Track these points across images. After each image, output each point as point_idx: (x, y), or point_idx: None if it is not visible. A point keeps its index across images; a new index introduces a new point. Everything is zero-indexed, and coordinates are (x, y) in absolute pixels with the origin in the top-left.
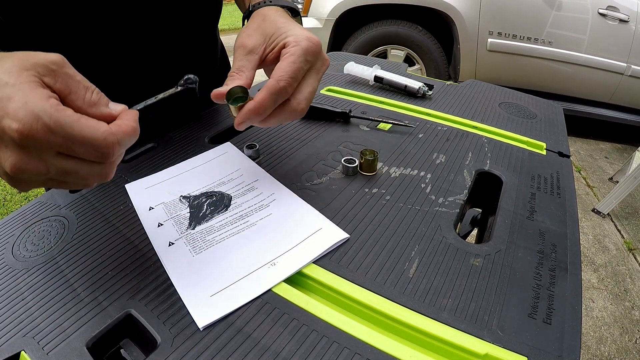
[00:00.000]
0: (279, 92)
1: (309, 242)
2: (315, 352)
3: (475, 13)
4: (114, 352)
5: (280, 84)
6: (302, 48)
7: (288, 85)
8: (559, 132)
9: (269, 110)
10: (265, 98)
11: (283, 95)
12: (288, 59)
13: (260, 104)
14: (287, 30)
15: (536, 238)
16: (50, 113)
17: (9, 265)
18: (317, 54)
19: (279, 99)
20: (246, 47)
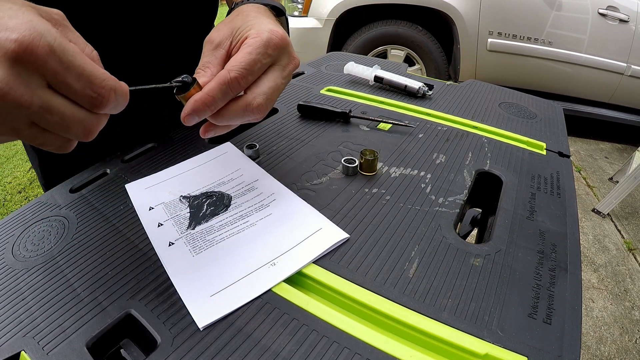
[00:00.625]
0: (229, 83)
1: (309, 242)
2: (315, 352)
3: (475, 13)
4: (114, 352)
5: (231, 74)
6: (263, 40)
7: (240, 76)
8: (559, 132)
9: (218, 102)
10: (214, 88)
11: (234, 87)
12: (244, 50)
13: (208, 94)
14: (254, 24)
15: (536, 238)
16: (56, 36)
17: (9, 265)
18: (282, 49)
19: (229, 91)
20: (213, 42)
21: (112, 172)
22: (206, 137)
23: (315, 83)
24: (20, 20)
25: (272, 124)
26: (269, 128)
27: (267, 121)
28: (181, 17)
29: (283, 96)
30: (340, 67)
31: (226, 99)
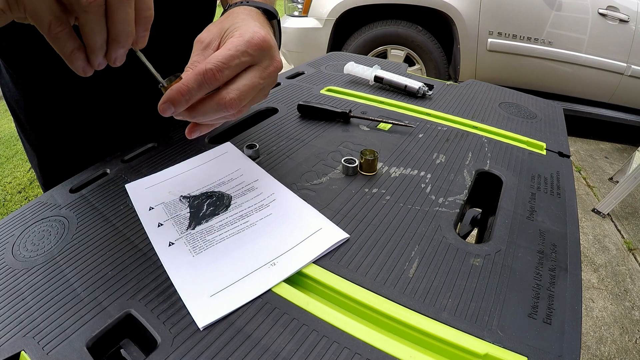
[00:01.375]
0: (204, 73)
1: (309, 242)
2: (315, 352)
3: (475, 13)
4: (114, 352)
5: (208, 65)
6: (244, 39)
7: (215, 68)
8: (559, 132)
9: (193, 92)
10: (189, 78)
11: (209, 79)
12: (225, 47)
13: (183, 83)
14: (240, 26)
15: (536, 238)
16: None
17: (9, 265)
18: (263, 50)
19: (204, 82)
20: (202, 42)
21: (112, 172)
22: (191, 137)
23: (315, 83)
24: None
25: (272, 124)
26: (269, 128)
27: (267, 121)
28: (179, 19)
29: (283, 96)
30: (340, 67)
31: (201, 90)
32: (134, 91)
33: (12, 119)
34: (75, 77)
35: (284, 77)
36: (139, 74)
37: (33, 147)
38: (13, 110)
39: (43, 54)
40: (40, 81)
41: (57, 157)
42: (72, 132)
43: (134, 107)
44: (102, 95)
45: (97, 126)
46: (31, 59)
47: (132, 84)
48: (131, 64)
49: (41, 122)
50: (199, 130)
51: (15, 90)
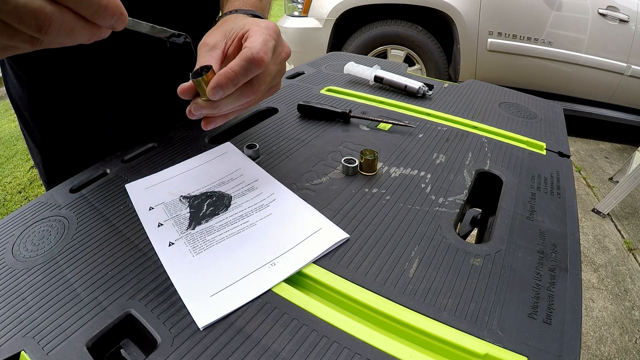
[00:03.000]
0: (251, 58)
1: (309, 242)
2: (315, 352)
3: (475, 13)
4: (114, 352)
5: (253, 50)
6: (264, 27)
7: (262, 51)
8: (559, 132)
9: (240, 78)
10: (237, 64)
11: (257, 64)
12: (255, 33)
13: (232, 69)
14: (245, 23)
15: (536, 238)
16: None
17: (9, 265)
18: (279, 37)
19: (252, 67)
20: (208, 45)
21: (112, 172)
22: (208, 128)
23: (315, 83)
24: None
25: (272, 124)
26: (269, 128)
27: (267, 121)
28: (182, 15)
29: (283, 96)
30: (340, 67)
31: (248, 75)
32: (141, 88)
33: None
34: (81, 75)
35: (284, 77)
36: (146, 70)
37: (37, 146)
38: (17, 108)
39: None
40: (45, 79)
41: (62, 155)
42: (78, 131)
43: (140, 105)
44: (109, 93)
45: (104, 124)
46: (36, 57)
47: (139, 80)
48: (138, 62)
49: (46, 121)
50: (214, 122)
51: (19, 88)
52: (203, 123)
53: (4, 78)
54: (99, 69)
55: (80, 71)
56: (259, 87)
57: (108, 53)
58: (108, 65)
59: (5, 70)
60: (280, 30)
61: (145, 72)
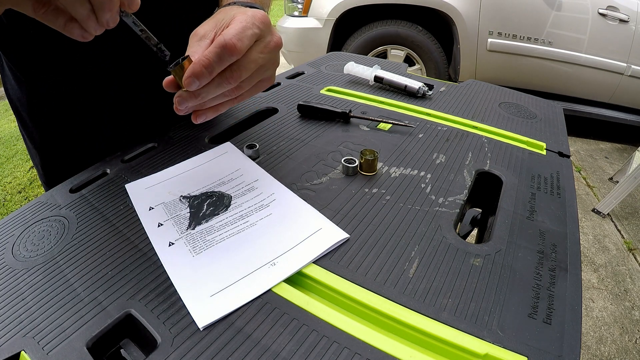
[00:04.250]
0: (224, 45)
1: (309, 242)
2: (315, 352)
3: (475, 13)
4: (114, 352)
5: (226, 37)
6: (250, 15)
7: (235, 39)
8: (559, 132)
9: (214, 66)
10: (210, 51)
11: (229, 51)
12: (234, 22)
13: (205, 56)
14: (236, 13)
15: (536, 238)
16: None
17: (9, 265)
18: (266, 25)
19: (224, 54)
20: (197, 35)
21: (112, 172)
22: (198, 122)
23: (315, 83)
24: None
25: (272, 124)
26: (269, 128)
27: (267, 121)
28: (182, 17)
29: (283, 96)
30: (340, 67)
31: (222, 63)
32: (141, 88)
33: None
34: (80, 76)
35: (284, 77)
36: (146, 70)
37: (36, 147)
38: (16, 108)
39: (46, 51)
40: (44, 80)
41: (61, 156)
42: (77, 132)
43: (140, 105)
44: (108, 94)
45: (104, 125)
46: (35, 58)
47: (139, 81)
48: (138, 62)
49: (44, 122)
50: (204, 115)
51: (18, 89)
52: (193, 116)
53: (3, 79)
54: (98, 70)
55: (79, 72)
56: (239, 74)
57: (107, 54)
58: (107, 67)
59: (3, 72)
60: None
61: (145, 72)
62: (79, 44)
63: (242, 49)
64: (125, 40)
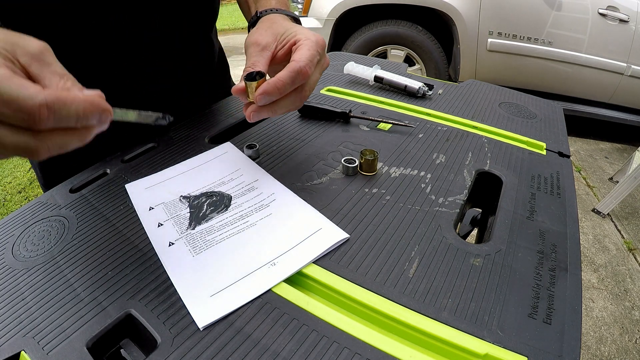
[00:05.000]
0: (298, 71)
1: (309, 242)
2: (315, 352)
3: (475, 13)
4: (114, 352)
5: (300, 64)
6: (313, 41)
7: (307, 66)
8: (559, 132)
9: (287, 87)
10: (285, 75)
11: (302, 77)
12: (304, 47)
13: (280, 79)
14: (296, 31)
15: (536, 238)
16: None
17: (9, 265)
18: (324, 50)
19: (297, 79)
20: (259, 44)
21: (112, 172)
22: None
23: None
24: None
25: (272, 124)
26: (269, 128)
27: (267, 121)
28: (181, 20)
29: None
30: (340, 67)
31: (294, 85)
32: (141, 90)
33: None
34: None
35: None
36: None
37: None
38: None
39: None
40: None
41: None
42: None
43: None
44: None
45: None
46: None
47: (139, 82)
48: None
49: None
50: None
51: None
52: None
53: None
54: (96, 71)
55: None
56: (305, 93)
57: (106, 54)
58: (106, 67)
59: None
60: None
61: (145, 74)
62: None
63: (310, 74)
64: (124, 41)
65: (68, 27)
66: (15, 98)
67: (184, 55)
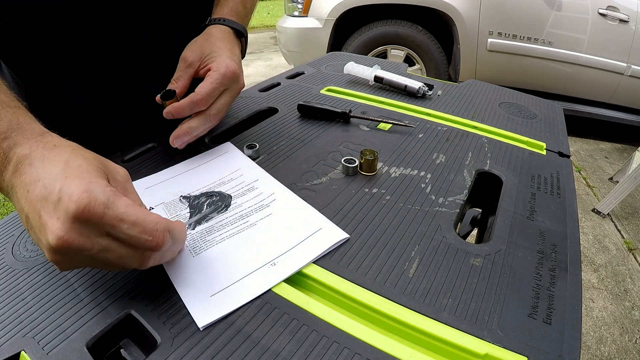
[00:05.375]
0: (195, 103)
1: (309, 242)
2: (315, 352)
3: (475, 13)
4: (114, 352)
5: (196, 97)
6: (220, 74)
7: (202, 99)
8: (559, 132)
9: (187, 113)
10: (184, 104)
11: (199, 106)
12: (207, 81)
13: (180, 106)
14: (217, 56)
15: (536, 238)
16: (109, 195)
17: (9, 265)
18: (233, 79)
19: (195, 107)
20: (186, 61)
21: None
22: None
23: (315, 83)
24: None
25: (272, 124)
26: (269, 128)
27: (267, 121)
28: (182, 18)
29: (283, 96)
30: (340, 67)
31: (192, 111)
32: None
33: None
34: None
35: (284, 77)
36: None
37: None
38: None
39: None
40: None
41: None
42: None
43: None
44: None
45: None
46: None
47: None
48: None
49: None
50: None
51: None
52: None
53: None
54: (97, 73)
55: (78, 74)
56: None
57: (106, 56)
58: (106, 69)
59: (2, 74)
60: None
61: (145, 74)
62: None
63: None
64: (124, 41)
65: (68, 27)
66: (142, 221)
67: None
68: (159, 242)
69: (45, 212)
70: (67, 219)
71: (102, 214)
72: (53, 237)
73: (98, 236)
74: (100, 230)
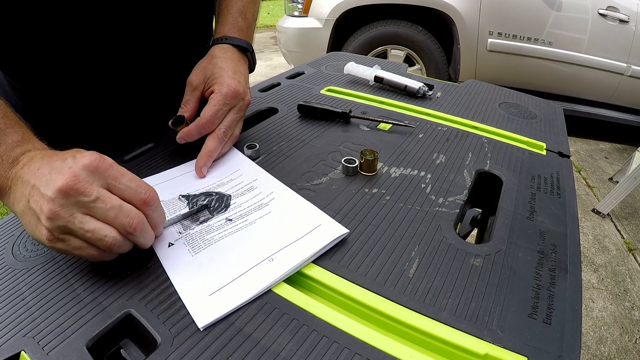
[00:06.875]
0: (202, 127)
1: (308, 238)
2: (315, 352)
3: (475, 13)
4: (114, 352)
5: (202, 121)
6: (222, 95)
7: (207, 122)
8: (559, 132)
9: (196, 136)
10: (192, 129)
11: (206, 129)
12: (210, 103)
13: (189, 130)
14: (218, 77)
15: (536, 238)
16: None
17: (9, 265)
18: (236, 97)
19: (202, 131)
20: (192, 85)
21: None
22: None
23: (316, 83)
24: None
25: (272, 124)
26: (269, 128)
27: (267, 121)
28: (181, 20)
29: (283, 96)
30: (341, 67)
31: (200, 134)
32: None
33: None
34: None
35: (284, 77)
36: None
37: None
38: None
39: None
40: (39, 88)
41: None
42: (75, 135)
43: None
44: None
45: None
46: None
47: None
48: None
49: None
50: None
51: (13, 95)
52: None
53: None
54: (96, 73)
55: (77, 75)
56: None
57: (105, 58)
58: (106, 69)
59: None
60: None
61: (145, 74)
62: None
63: (214, 127)
64: (123, 42)
65: (67, 28)
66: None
67: (183, 56)
68: (151, 197)
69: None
70: (77, 167)
71: (109, 166)
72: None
73: (100, 186)
74: (103, 181)
